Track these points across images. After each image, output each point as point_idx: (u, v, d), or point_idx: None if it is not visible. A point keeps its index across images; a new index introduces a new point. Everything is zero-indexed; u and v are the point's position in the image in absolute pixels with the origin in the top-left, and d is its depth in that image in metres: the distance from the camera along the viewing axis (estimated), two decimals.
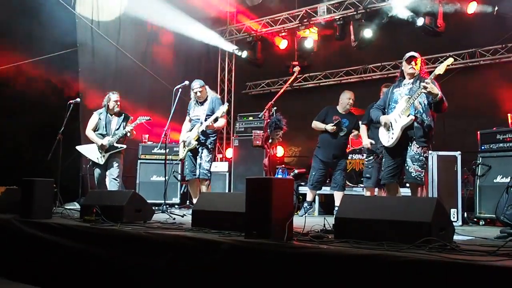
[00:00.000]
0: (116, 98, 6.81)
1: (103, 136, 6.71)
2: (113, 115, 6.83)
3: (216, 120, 6.20)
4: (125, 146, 6.77)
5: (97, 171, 6.75)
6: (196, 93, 6.35)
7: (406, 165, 4.61)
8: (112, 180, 6.65)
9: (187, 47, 10.02)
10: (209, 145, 6.31)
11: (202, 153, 6.28)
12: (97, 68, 8.46)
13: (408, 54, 4.79)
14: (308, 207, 6.90)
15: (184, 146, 6.39)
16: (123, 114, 6.88)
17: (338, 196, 6.74)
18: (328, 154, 6.82)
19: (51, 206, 4.97)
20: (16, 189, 5.40)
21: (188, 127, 6.49)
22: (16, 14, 7.22)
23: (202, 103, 6.40)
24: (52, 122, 6.96)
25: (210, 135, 6.33)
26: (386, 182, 4.81)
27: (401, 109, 4.64)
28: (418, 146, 4.58)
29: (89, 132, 6.79)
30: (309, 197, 6.98)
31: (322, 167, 6.90)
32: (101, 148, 6.64)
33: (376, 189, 6.30)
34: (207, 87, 6.50)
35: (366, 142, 6.30)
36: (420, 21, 8.05)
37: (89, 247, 3.98)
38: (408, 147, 4.61)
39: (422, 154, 4.60)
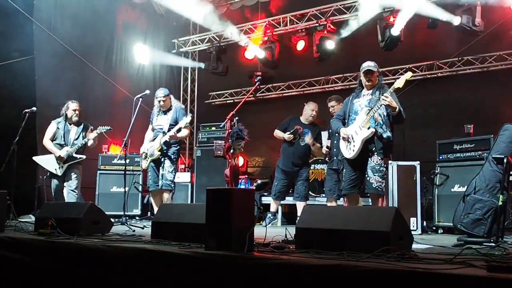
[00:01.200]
0: (75, 107, 6.64)
1: (61, 146, 6.53)
2: (72, 125, 6.66)
3: (179, 130, 6.14)
4: (84, 157, 6.59)
5: (54, 182, 6.55)
6: (160, 101, 6.28)
7: (367, 175, 4.67)
8: (70, 192, 6.47)
9: (150, 56, 9.92)
10: (172, 156, 6.23)
11: (165, 163, 6.19)
12: (55, 76, 8.22)
13: (365, 66, 4.83)
14: (271, 217, 6.90)
15: (146, 157, 6.28)
16: (83, 124, 6.72)
17: (300, 207, 6.75)
18: (287, 163, 6.87)
19: (4, 219, 4.77)
20: None
21: (150, 136, 6.40)
22: None
23: (165, 112, 6.33)
24: (7, 132, 6.72)
25: (173, 145, 6.26)
26: (347, 192, 4.85)
27: (361, 122, 4.69)
28: (378, 158, 4.64)
29: (46, 142, 6.59)
30: (272, 208, 6.98)
31: (284, 177, 6.92)
32: (59, 159, 6.45)
33: (341, 200, 6.32)
34: (171, 96, 6.44)
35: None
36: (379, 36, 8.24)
37: (43, 261, 3.84)
38: (369, 158, 4.67)
39: (383, 165, 4.67)
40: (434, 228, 6.04)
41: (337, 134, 5.12)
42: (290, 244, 3.39)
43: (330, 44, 8.79)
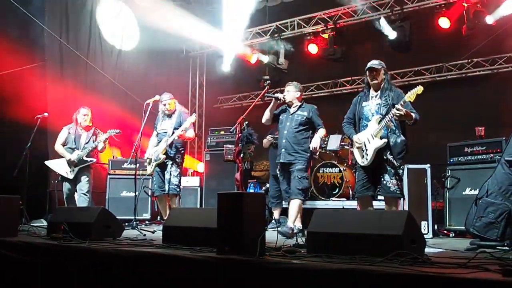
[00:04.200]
0: (86, 112, 6.74)
1: (73, 150, 6.60)
2: (83, 129, 6.73)
3: (185, 131, 6.18)
4: (94, 160, 6.67)
5: (66, 186, 6.60)
6: (165, 105, 6.32)
7: (383, 179, 4.60)
8: (81, 195, 6.52)
9: (158, 62, 9.97)
10: (177, 159, 6.26)
11: (170, 168, 6.21)
12: (66, 82, 8.31)
13: (368, 64, 4.79)
14: (276, 224, 6.81)
15: (150, 163, 6.31)
16: (93, 128, 6.81)
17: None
18: (274, 167, 6.77)
19: (17, 223, 4.84)
20: None
21: (155, 142, 6.43)
22: None
23: (169, 117, 6.36)
24: (19, 137, 6.79)
25: (179, 149, 6.28)
26: (360, 195, 4.80)
27: (373, 131, 4.61)
28: (394, 161, 4.58)
29: (58, 147, 6.67)
30: (275, 215, 6.95)
31: (274, 182, 6.89)
32: (70, 162, 6.50)
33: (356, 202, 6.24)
34: (176, 101, 6.47)
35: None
36: (392, 35, 8.24)
37: (56, 266, 3.88)
38: (384, 162, 4.60)
39: (399, 167, 4.60)
40: (445, 231, 5.99)
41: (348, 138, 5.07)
42: (301, 248, 3.39)
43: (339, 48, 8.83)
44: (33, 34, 7.82)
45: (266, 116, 5.93)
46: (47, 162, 6.74)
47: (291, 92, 5.89)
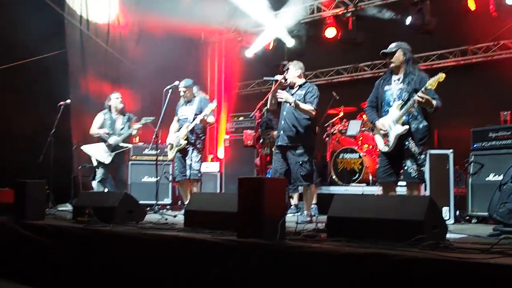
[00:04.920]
0: (117, 96, 6.88)
1: (109, 135, 6.73)
2: (118, 114, 6.87)
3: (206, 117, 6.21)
4: (130, 146, 6.89)
5: (101, 170, 6.70)
6: (185, 91, 6.36)
7: (404, 165, 4.56)
8: (120, 184, 6.76)
9: (177, 48, 9.98)
10: (198, 145, 6.30)
11: (192, 153, 6.26)
12: (87, 69, 8.40)
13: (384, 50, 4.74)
14: (294, 209, 6.80)
15: (172, 148, 6.37)
16: (127, 114, 6.92)
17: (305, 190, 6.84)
18: None
19: (43, 207, 4.97)
20: (9, 191, 5.37)
21: (176, 127, 6.48)
22: (6, 16, 7.15)
23: (190, 103, 6.40)
24: (43, 124, 6.91)
25: (199, 135, 6.32)
26: (383, 181, 4.77)
27: (394, 116, 4.56)
28: (416, 147, 4.53)
29: (94, 130, 6.79)
30: (294, 200, 6.94)
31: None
32: (108, 146, 6.64)
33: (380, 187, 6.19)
34: (195, 87, 6.50)
35: None
36: (408, 19, 8.10)
37: (82, 248, 3.97)
38: (405, 148, 4.56)
39: (421, 153, 4.55)
40: (467, 217, 5.93)
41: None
42: (321, 233, 3.40)
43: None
44: (53, 22, 7.89)
45: (269, 100, 5.60)
46: (83, 147, 6.90)
47: (291, 71, 5.59)
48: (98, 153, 6.68)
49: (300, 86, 5.53)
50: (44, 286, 4.15)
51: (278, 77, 5.43)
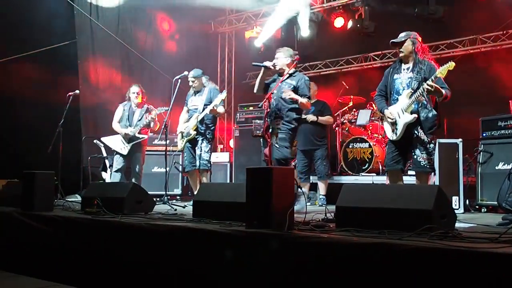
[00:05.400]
0: (136, 90, 6.93)
1: (126, 127, 6.81)
2: (136, 107, 6.92)
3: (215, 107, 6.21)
4: (146, 137, 6.88)
5: (118, 161, 6.77)
6: (194, 81, 6.36)
7: (414, 154, 4.55)
8: (134, 174, 6.79)
9: (187, 38, 9.98)
10: (208, 135, 6.30)
11: (201, 143, 6.26)
12: (97, 60, 8.43)
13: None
14: (308, 199, 6.85)
15: (182, 137, 6.38)
16: (146, 106, 6.97)
17: (321, 186, 7.02)
18: (301, 142, 6.91)
19: (52, 198, 4.98)
20: (17, 182, 5.41)
21: (185, 118, 6.48)
22: (15, 6, 7.17)
23: (200, 93, 6.40)
24: (52, 115, 6.95)
25: (209, 125, 6.32)
26: (390, 169, 4.75)
27: (403, 105, 4.54)
28: (425, 136, 4.51)
29: (114, 125, 6.89)
30: (304, 190, 6.97)
31: (302, 157, 6.97)
32: (124, 137, 6.72)
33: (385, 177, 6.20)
34: (205, 77, 6.49)
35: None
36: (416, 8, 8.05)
37: (90, 239, 4.00)
38: (414, 136, 4.54)
39: (430, 142, 4.54)
40: (477, 207, 5.90)
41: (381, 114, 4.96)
42: (330, 223, 3.40)
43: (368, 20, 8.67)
44: (63, 12, 7.91)
45: (256, 85, 5.46)
46: (103, 139, 6.97)
47: (280, 58, 5.42)
48: (116, 144, 6.77)
49: (290, 75, 5.40)
50: (52, 278, 4.17)
51: (267, 63, 5.31)
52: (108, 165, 7.16)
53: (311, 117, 6.86)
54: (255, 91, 5.60)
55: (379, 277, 2.50)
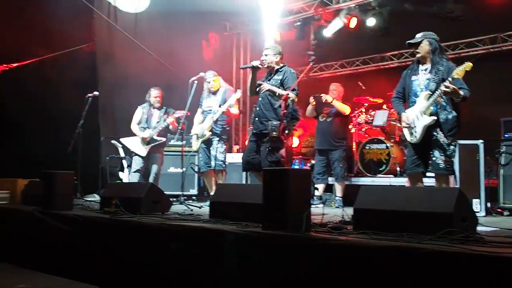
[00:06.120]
0: (156, 94, 6.98)
1: (145, 129, 6.88)
2: (155, 109, 6.98)
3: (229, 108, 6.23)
4: (164, 139, 6.93)
5: (137, 162, 6.84)
6: (209, 82, 6.38)
7: (432, 155, 4.48)
8: (152, 175, 6.85)
9: (203, 39, 10.01)
10: (223, 136, 6.32)
11: (216, 144, 6.28)
12: (115, 61, 8.50)
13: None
14: (318, 201, 6.80)
15: (197, 138, 6.40)
16: (165, 108, 7.02)
17: (338, 187, 6.99)
18: (319, 142, 7.00)
19: (72, 198, 5.07)
20: (38, 181, 5.48)
21: (200, 119, 6.50)
22: (34, 9, 7.26)
23: (214, 94, 6.42)
24: (71, 116, 7.03)
25: (224, 126, 6.33)
26: (411, 172, 4.70)
27: (421, 107, 4.48)
28: (444, 139, 4.45)
29: (133, 126, 6.97)
30: (320, 191, 6.93)
31: (320, 158, 6.98)
32: (142, 140, 6.76)
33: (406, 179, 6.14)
34: (220, 78, 6.51)
35: None
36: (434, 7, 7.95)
37: (109, 238, 4.04)
38: (434, 138, 4.48)
39: (450, 144, 4.47)
40: (499, 210, 5.80)
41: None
42: (347, 225, 3.37)
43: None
44: (82, 15, 7.99)
45: (248, 87, 5.45)
46: (122, 140, 7.04)
47: (269, 56, 5.39)
48: (134, 146, 6.84)
49: (278, 70, 5.38)
50: (70, 276, 4.22)
51: (255, 63, 5.34)
52: (125, 166, 7.22)
53: (326, 96, 6.93)
54: (248, 94, 5.62)
55: (397, 281, 2.47)
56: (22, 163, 6.52)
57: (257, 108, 5.42)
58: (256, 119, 5.37)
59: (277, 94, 5.19)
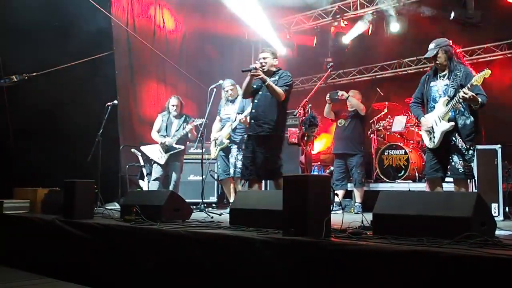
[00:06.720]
0: (175, 102, 7.07)
1: (164, 137, 6.98)
2: (175, 118, 7.06)
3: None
4: (182, 147, 7.00)
5: (156, 170, 6.95)
6: (227, 91, 6.44)
7: (451, 160, 4.48)
8: (172, 183, 6.94)
9: (220, 46, 10.09)
10: (242, 144, 6.36)
11: (235, 152, 6.32)
12: (134, 70, 8.63)
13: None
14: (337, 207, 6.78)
15: (215, 146, 6.46)
16: (184, 116, 7.10)
17: (357, 193, 7.02)
18: (337, 147, 7.08)
19: (92, 206, 5.09)
20: (58, 190, 5.57)
21: (218, 127, 6.57)
22: (53, 17, 7.38)
23: (233, 102, 6.48)
24: (91, 124, 7.13)
25: (242, 134, 6.38)
26: (430, 177, 4.69)
27: (440, 113, 4.49)
28: (463, 144, 4.44)
29: (153, 134, 7.09)
30: (339, 197, 6.91)
31: (339, 163, 7.03)
32: (162, 147, 6.86)
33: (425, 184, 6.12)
34: (238, 86, 6.57)
35: None
36: (452, 14, 7.89)
37: (130, 246, 4.08)
38: (452, 144, 4.48)
39: (469, 148, 4.46)
40: None
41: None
42: (367, 230, 3.38)
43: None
44: (100, 24, 8.11)
45: (243, 89, 5.40)
46: (142, 148, 7.17)
47: (268, 59, 5.38)
48: (153, 153, 6.94)
49: (274, 73, 5.37)
50: (92, 284, 4.25)
51: (255, 66, 5.28)
52: (145, 174, 7.30)
53: (342, 92, 7.01)
54: (242, 96, 5.62)
55: (418, 286, 2.48)
56: (42, 173, 6.60)
57: (253, 111, 5.35)
58: (252, 121, 5.32)
59: (266, 84, 5.10)
